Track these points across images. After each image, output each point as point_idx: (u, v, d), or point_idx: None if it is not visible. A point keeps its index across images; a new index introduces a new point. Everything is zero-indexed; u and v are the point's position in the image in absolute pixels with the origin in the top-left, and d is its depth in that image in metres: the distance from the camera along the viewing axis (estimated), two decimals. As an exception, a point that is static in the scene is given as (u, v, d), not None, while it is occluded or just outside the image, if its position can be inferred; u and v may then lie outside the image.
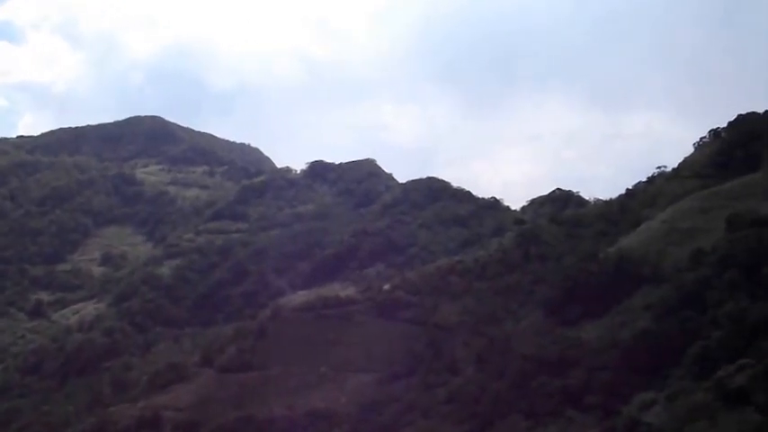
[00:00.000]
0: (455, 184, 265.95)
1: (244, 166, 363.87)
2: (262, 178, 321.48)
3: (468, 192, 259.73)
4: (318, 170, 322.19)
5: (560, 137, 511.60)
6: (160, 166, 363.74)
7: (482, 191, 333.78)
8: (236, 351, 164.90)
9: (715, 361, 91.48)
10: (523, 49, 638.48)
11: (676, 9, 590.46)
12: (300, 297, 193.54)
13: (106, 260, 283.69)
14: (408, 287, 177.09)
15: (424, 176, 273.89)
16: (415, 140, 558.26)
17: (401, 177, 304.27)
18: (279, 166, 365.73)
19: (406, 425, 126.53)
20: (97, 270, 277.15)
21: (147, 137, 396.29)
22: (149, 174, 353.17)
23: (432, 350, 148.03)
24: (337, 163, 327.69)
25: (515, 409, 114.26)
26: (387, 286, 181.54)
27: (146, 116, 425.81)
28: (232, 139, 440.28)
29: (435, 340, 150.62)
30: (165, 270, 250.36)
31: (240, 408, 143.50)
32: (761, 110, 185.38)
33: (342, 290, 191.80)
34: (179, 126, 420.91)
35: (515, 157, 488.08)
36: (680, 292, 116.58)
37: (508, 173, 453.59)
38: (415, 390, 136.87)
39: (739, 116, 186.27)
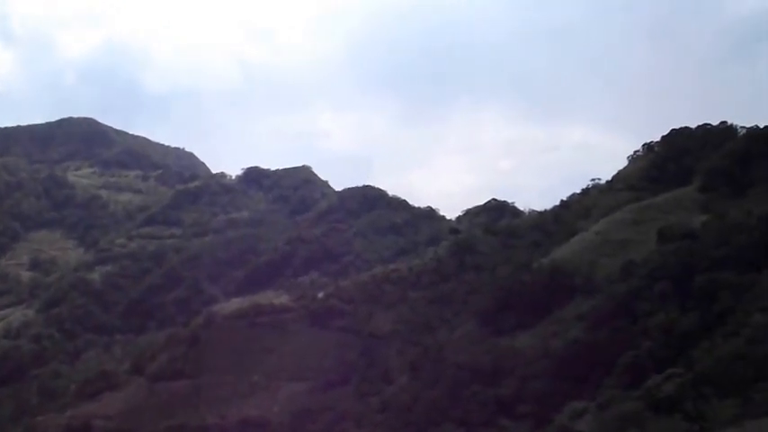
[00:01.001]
0: (391, 192, 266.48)
1: (178, 170, 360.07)
2: (196, 183, 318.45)
3: (404, 200, 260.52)
4: (254, 176, 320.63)
5: (497, 147, 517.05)
6: (92, 170, 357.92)
7: (419, 200, 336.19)
8: (167, 359, 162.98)
9: (645, 370, 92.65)
10: (462, 60, 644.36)
11: (612, 26, 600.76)
12: (234, 304, 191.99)
13: (35, 265, 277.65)
14: (343, 295, 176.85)
15: (361, 184, 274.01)
16: (352, 148, 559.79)
17: (337, 185, 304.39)
18: (214, 171, 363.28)
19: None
20: (26, 275, 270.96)
21: (80, 139, 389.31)
22: (81, 177, 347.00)
23: (365, 359, 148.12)
24: (273, 169, 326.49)
25: (449, 417, 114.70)
26: (321, 294, 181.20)
27: (79, 117, 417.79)
28: (167, 143, 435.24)
29: (369, 349, 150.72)
30: (96, 276, 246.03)
31: (171, 417, 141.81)
32: (693, 125, 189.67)
33: (275, 298, 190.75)
34: (113, 128, 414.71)
35: (453, 167, 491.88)
36: (612, 302, 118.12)
37: (445, 182, 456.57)
38: (348, 398, 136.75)
39: (672, 131, 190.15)
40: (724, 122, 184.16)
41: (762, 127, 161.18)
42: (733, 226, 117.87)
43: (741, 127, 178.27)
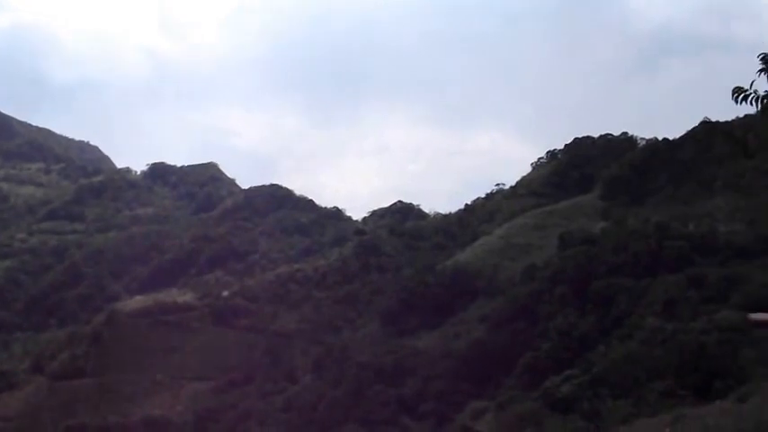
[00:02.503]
0: (299, 192, 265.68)
1: (82, 164, 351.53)
2: (100, 178, 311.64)
3: (311, 200, 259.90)
4: (159, 172, 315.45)
5: (406, 151, 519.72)
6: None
7: (326, 201, 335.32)
8: (68, 357, 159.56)
9: (544, 371, 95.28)
10: (373, 63, 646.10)
11: (521, 36, 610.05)
12: (137, 302, 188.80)
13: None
14: (247, 294, 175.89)
15: (268, 183, 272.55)
16: (261, 147, 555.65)
17: (244, 183, 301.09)
18: (119, 166, 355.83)
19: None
20: None
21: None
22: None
23: (269, 358, 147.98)
24: (179, 166, 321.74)
25: (352, 416, 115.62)
26: (225, 293, 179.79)
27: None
28: (71, 136, 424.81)
29: (273, 348, 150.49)
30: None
31: (72, 416, 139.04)
32: (595, 134, 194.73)
33: (180, 296, 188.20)
34: (14, 119, 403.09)
35: (361, 169, 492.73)
36: (513, 305, 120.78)
37: (353, 184, 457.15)
38: (252, 397, 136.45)
39: (575, 139, 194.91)
40: (625, 133, 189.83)
41: (661, 139, 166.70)
42: (631, 233, 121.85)
43: (641, 138, 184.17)
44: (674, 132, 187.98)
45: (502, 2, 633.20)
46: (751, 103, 12.63)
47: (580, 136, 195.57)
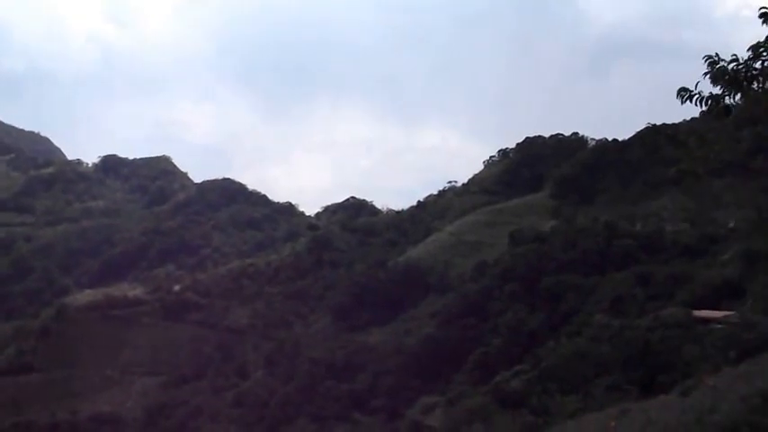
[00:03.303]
0: (251, 186, 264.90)
1: (32, 155, 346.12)
2: (50, 170, 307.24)
3: (264, 195, 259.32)
4: (111, 164, 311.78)
5: (358, 147, 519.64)
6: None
7: (279, 195, 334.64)
8: (15, 352, 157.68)
9: (494, 366, 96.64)
10: (326, 59, 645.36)
11: (475, 36, 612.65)
12: (87, 296, 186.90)
13: None
14: (199, 289, 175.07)
15: (221, 177, 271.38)
16: (214, 140, 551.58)
17: (197, 177, 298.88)
18: (70, 157, 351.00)
19: (194, 429, 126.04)
20: None
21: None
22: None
23: (221, 353, 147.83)
24: (131, 158, 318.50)
25: (303, 412, 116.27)
26: (177, 287, 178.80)
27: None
28: (20, 126, 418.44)
29: (225, 343, 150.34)
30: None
31: (19, 413, 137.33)
32: (547, 134, 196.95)
33: (130, 290, 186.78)
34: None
35: (313, 164, 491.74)
36: (464, 301, 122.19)
37: (305, 179, 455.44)
38: (203, 393, 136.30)
39: (527, 138, 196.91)
40: (576, 133, 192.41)
41: (610, 139, 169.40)
42: (580, 231, 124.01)
43: (591, 138, 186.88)
44: (624, 134, 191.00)
45: (455, 1, 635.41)
46: (696, 104, 13.47)
47: (532, 135, 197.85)
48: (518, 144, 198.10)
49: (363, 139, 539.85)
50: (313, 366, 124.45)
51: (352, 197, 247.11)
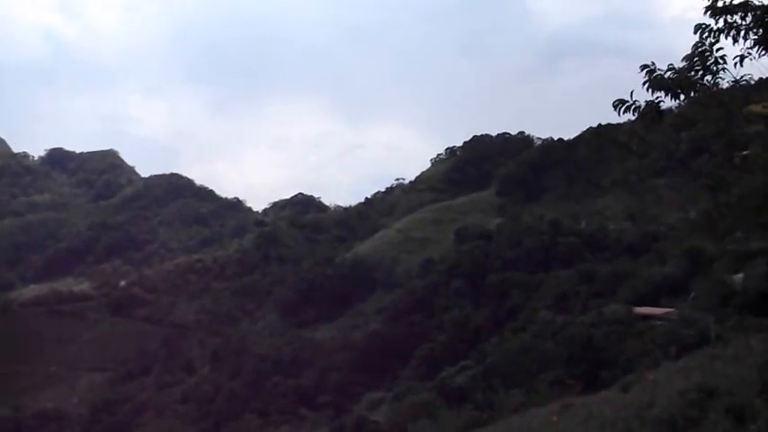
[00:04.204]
0: (199, 182, 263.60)
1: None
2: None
3: (211, 191, 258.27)
4: (58, 158, 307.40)
5: (307, 143, 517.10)
6: None
7: (227, 191, 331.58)
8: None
9: (439, 362, 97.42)
10: (277, 54, 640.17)
11: (426, 34, 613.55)
12: (32, 291, 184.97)
13: None
14: (145, 284, 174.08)
15: (168, 172, 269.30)
16: (161, 135, 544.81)
17: (144, 172, 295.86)
18: (16, 150, 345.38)
19: (140, 425, 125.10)
20: None
21: None
22: None
23: (167, 349, 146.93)
24: (78, 152, 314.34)
25: (250, 408, 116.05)
26: (123, 283, 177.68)
27: None
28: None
29: (171, 339, 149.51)
30: None
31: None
32: (493, 133, 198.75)
33: (76, 285, 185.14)
34: None
35: (262, 160, 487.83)
36: (410, 297, 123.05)
37: (254, 175, 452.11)
38: (149, 389, 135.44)
39: (474, 137, 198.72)
40: (522, 132, 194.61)
41: (556, 139, 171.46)
42: (525, 229, 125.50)
43: (537, 138, 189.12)
44: (570, 133, 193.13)
45: (408, 0, 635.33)
46: (633, 113, 14.03)
47: (479, 134, 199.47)
48: (465, 142, 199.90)
49: (313, 135, 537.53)
50: (259, 362, 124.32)
51: (300, 193, 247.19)
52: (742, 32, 12.85)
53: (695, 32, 13.12)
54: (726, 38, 13.01)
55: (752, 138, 13.41)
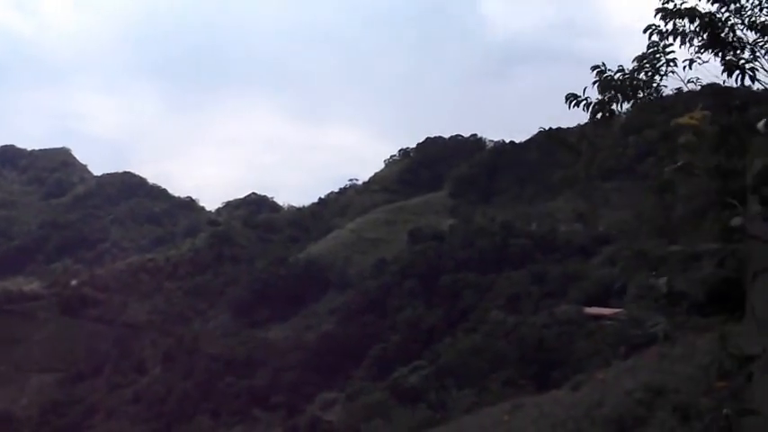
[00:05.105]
0: (152, 180, 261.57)
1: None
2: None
3: (164, 189, 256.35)
4: (8, 156, 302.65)
5: (261, 143, 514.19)
6: None
7: (180, 190, 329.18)
8: None
9: (392, 362, 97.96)
10: (231, 53, 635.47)
11: (380, 37, 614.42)
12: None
13: None
14: (97, 284, 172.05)
15: (121, 171, 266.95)
16: (114, 133, 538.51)
17: (96, 170, 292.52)
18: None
19: (90, 427, 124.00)
20: None
21: None
22: None
23: (119, 349, 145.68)
24: (29, 149, 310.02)
25: (202, 409, 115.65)
26: (74, 282, 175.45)
27: None
28: None
29: (123, 339, 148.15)
30: None
31: None
32: (446, 135, 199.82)
33: (26, 284, 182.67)
34: None
35: (215, 159, 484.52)
36: (363, 297, 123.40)
37: (207, 174, 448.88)
38: (100, 390, 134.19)
39: (427, 139, 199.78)
40: (474, 135, 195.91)
41: (507, 141, 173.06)
42: (477, 230, 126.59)
43: (489, 140, 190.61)
44: (521, 136, 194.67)
45: (363, 3, 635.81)
46: (583, 109, 14.42)
47: (432, 136, 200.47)
48: (418, 144, 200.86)
49: (267, 135, 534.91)
50: (212, 363, 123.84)
51: (254, 193, 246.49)
52: (688, 37, 13.29)
53: (644, 32, 13.49)
54: (674, 40, 13.42)
55: (682, 149, 13.87)
